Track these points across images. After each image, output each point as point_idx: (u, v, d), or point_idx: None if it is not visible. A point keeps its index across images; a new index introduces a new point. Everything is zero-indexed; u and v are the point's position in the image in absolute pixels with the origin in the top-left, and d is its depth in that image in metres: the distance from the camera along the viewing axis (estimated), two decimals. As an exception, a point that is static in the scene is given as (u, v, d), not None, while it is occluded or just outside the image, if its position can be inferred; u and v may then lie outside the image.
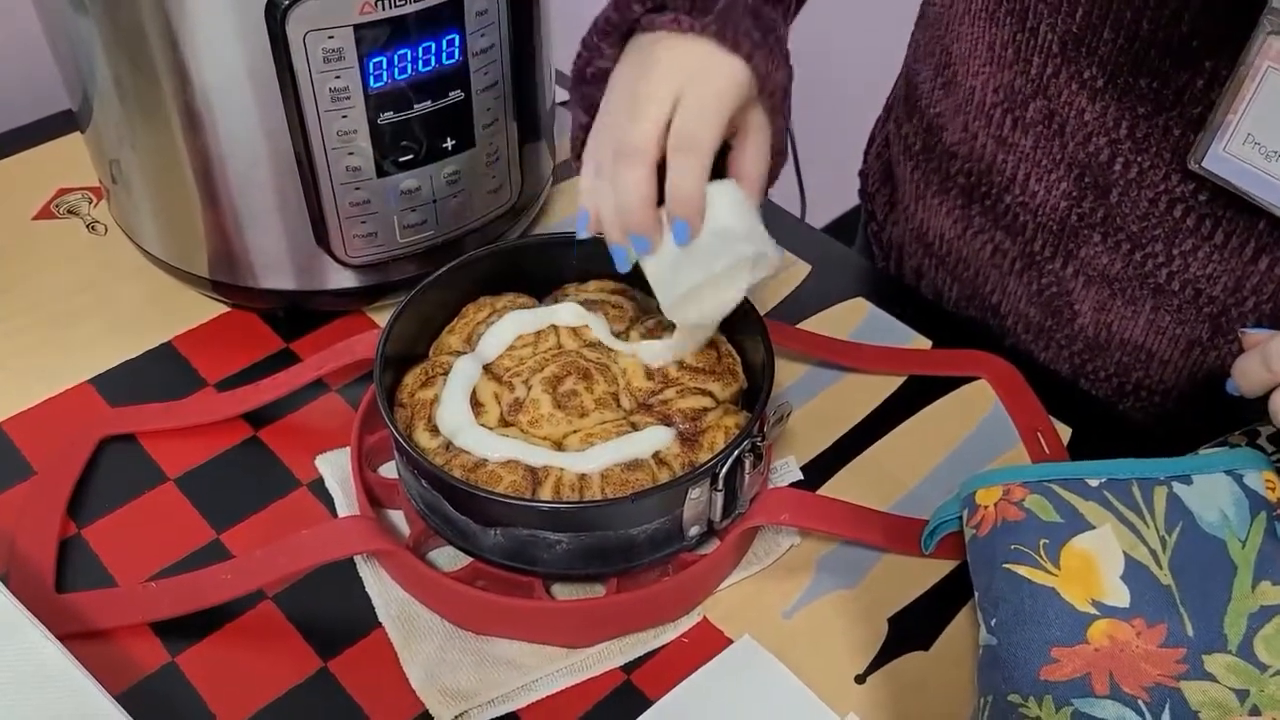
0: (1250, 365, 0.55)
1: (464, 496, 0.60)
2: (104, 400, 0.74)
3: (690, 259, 0.60)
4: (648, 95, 0.58)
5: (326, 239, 0.73)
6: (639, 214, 0.59)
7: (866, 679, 0.61)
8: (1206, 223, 0.66)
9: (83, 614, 0.62)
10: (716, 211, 0.60)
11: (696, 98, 0.58)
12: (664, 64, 0.58)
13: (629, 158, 0.58)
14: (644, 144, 0.57)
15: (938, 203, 0.80)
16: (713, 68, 0.58)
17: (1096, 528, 0.57)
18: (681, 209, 0.59)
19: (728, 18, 0.58)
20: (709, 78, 0.58)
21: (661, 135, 0.58)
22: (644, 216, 0.59)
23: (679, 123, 0.57)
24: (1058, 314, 0.76)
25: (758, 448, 0.62)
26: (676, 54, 0.58)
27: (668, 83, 0.58)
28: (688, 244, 0.60)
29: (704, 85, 0.58)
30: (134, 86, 0.69)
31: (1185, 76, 0.62)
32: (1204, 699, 0.51)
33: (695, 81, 0.58)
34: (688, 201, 0.59)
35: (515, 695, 0.60)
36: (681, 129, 0.57)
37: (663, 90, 0.58)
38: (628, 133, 0.58)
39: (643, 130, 0.57)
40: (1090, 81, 0.66)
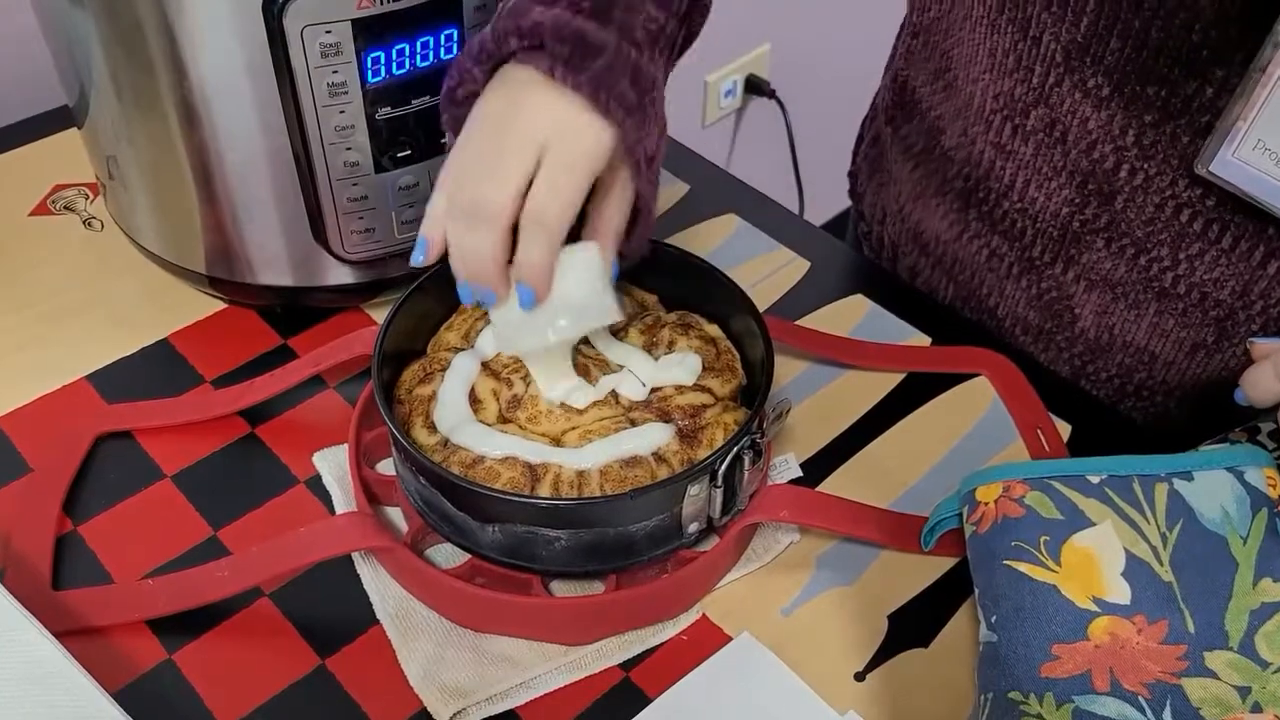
0: (1261, 376, 0.55)
1: (462, 493, 0.59)
2: (100, 397, 0.74)
3: (533, 320, 0.61)
4: (510, 152, 0.56)
5: (324, 235, 0.73)
6: (487, 272, 0.59)
7: (866, 676, 0.61)
8: (1214, 227, 0.65)
9: (79, 611, 0.61)
10: (566, 281, 0.60)
11: (556, 165, 0.56)
12: (531, 116, 0.56)
13: (483, 220, 0.57)
14: (499, 208, 0.56)
15: (935, 204, 0.80)
16: (579, 130, 0.56)
17: (1097, 524, 0.56)
18: (528, 276, 0.58)
19: (604, 79, 0.56)
20: (574, 141, 0.56)
21: (518, 199, 0.56)
22: (491, 275, 0.59)
23: (536, 194, 0.56)
24: (1058, 317, 0.76)
25: (757, 444, 0.62)
26: (545, 106, 0.56)
27: (531, 139, 0.56)
28: (531, 309, 0.60)
29: (566, 150, 0.56)
30: (131, 82, 0.69)
31: (1194, 85, 0.61)
32: (1205, 695, 0.51)
33: (557, 145, 0.56)
34: (535, 271, 0.58)
35: (513, 693, 0.60)
36: (538, 202, 0.56)
37: (526, 148, 0.56)
38: (485, 194, 0.57)
39: (501, 194, 0.56)
40: (1095, 90, 0.65)
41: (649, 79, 0.58)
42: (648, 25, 0.58)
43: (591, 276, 0.61)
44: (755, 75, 1.93)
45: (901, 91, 0.81)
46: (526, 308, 0.60)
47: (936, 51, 0.75)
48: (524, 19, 0.57)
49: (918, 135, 0.80)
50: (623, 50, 0.57)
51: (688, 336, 0.69)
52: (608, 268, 0.62)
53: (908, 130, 0.81)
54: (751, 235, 0.88)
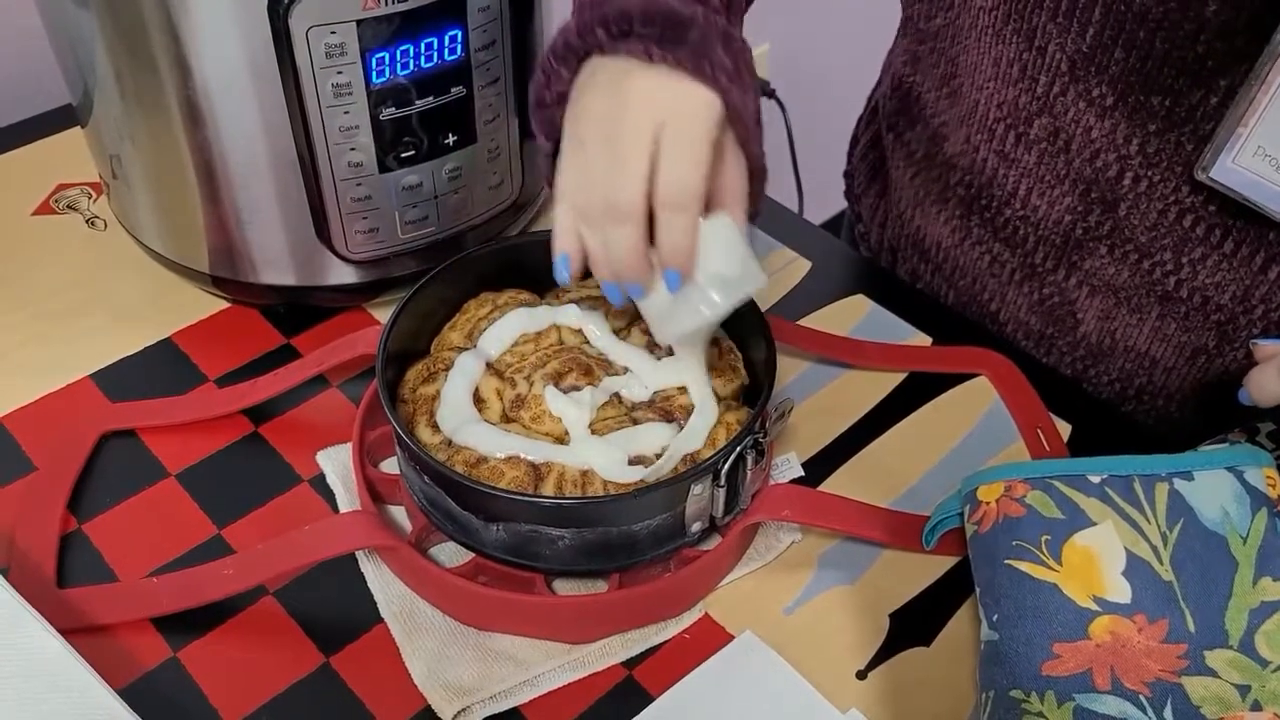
0: (1266, 378, 0.55)
1: (466, 492, 0.60)
2: (104, 396, 0.74)
3: (684, 302, 0.60)
4: (628, 144, 0.55)
5: (328, 234, 0.73)
6: (633, 268, 0.58)
7: (868, 675, 0.61)
8: (1216, 232, 0.66)
9: (84, 609, 0.62)
10: (710, 256, 0.59)
11: (677, 143, 0.55)
12: (638, 103, 0.55)
13: (620, 219, 0.56)
14: (633, 203, 0.55)
15: (935, 211, 0.80)
16: (689, 104, 0.56)
17: (1098, 524, 0.57)
18: (674, 261, 0.58)
19: (701, 49, 0.55)
20: (688, 117, 0.55)
21: (648, 189, 0.56)
22: (638, 269, 0.58)
23: (665, 176, 0.55)
24: (1059, 322, 0.76)
25: (760, 444, 0.62)
26: (650, 90, 0.56)
27: (646, 125, 0.55)
28: (679, 291, 0.59)
29: (684, 127, 0.55)
30: (135, 81, 0.69)
31: (1199, 94, 0.62)
32: (1205, 694, 0.51)
33: (674, 122, 0.55)
34: (679, 254, 0.57)
35: (517, 691, 0.60)
36: (669, 184, 0.55)
37: (642, 135, 0.55)
38: (614, 192, 0.56)
39: (631, 188, 0.55)
40: (1099, 100, 0.65)
41: (738, 42, 0.58)
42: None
43: (731, 245, 0.60)
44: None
45: (905, 97, 0.81)
46: (674, 290, 0.59)
47: (942, 59, 0.75)
48: (608, 7, 0.56)
49: (919, 142, 0.80)
50: (710, 19, 0.56)
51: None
52: (743, 233, 0.61)
53: (910, 136, 0.81)
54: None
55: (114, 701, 0.54)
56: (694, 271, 0.59)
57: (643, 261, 0.58)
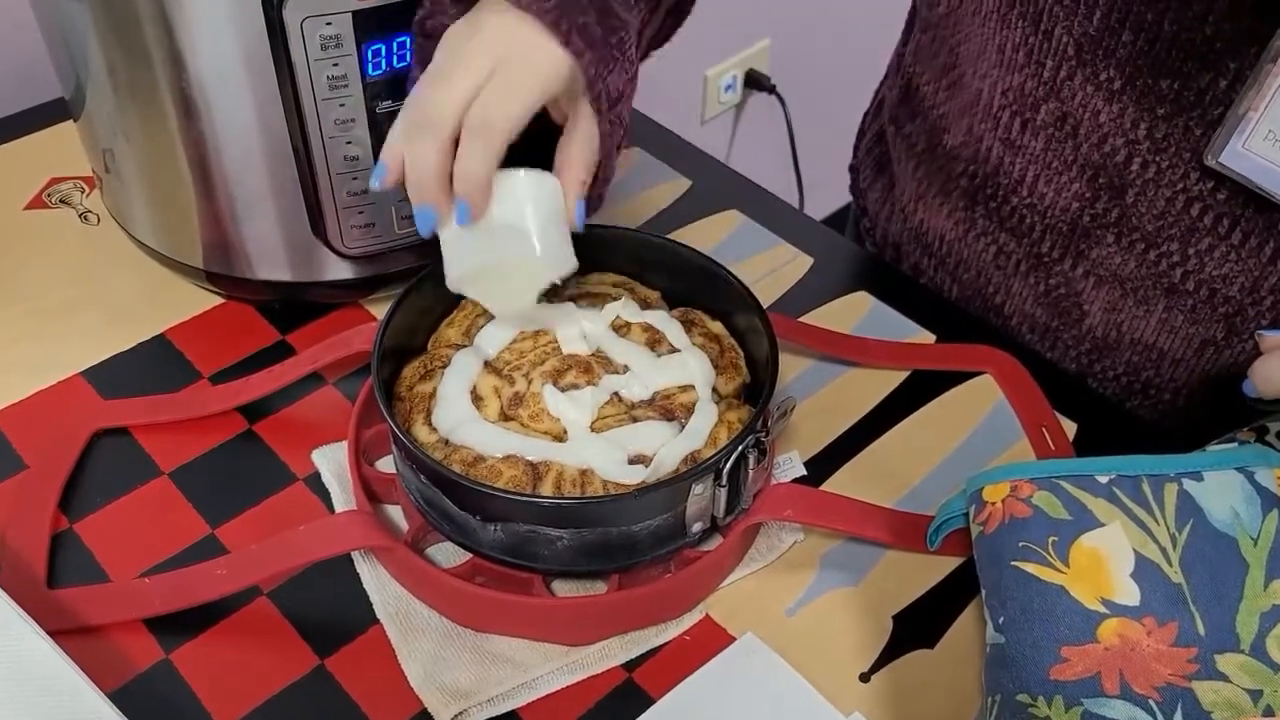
0: (1271, 369, 0.55)
1: (464, 492, 0.59)
2: (96, 393, 0.73)
3: (475, 240, 0.60)
4: (461, 65, 0.56)
5: (323, 230, 0.72)
6: (425, 184, 0.57)
7: (871, 677, 0.60)
8: (1224, 222, 0.65)
9: (75, 610, 0.61)
10: (512, 200, 0.59)
11: (506, 79, 0.55)
12: (487, 35, 0.56)
13: (424, 128, 0.56)
14: (440, 116, 0.56)
15: (939, 204, 0.79)
16: (534, 52, 0.56)
17: (1106, 525, 0.56)
18: (462, 188, 0.57)
19: (567, 8, 0.55)
20: (526, 61, 0.56)
21: (462, 109, 0.56)
22: (431, 188, 0.58)
23: (480, 101, 0.56)
24: (1065, 314, 0.75)
25: (761, 443, 0.61)
26: (503, 28, 0.56)
27: (483, 56, 0.56)
28: (468, 225, 0.59)
29: (518, 68, 0.56)
30: (128, 74, 0.68)
31: (1208, 77, 0.61)
32: (1216, 699, 0.51)
33: (511, 61, 0.56)
34: (469, 182, 0.57)
35: (515, 694, 0.59)
36: (480, 110, 0.56)
37: (476, 62, 0.56)
38: (428, 102, 0.56)
39: (443, 101, 0.56)
40: (1107, 84, 0.64)
41: (618, 20, 0.58)
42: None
43: (542, 205, 0.59)
44: (755, 70, 1.93)
45: (906, 90, 0.81)
46: (462, 223, 0.59)
47: (944, 48, 0.74)
48: None
49: (920, 134, 0.79)
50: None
51: (691, 334, 0.68)
52: (567, 207, 0.60)
53: (911, 129, 0.81)
54: (754, 231, 0.87)
55: (104, 705, 0.53)
56: (483, 210, 0.58)
57: (438, 182, 0.57)
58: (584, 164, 0.60)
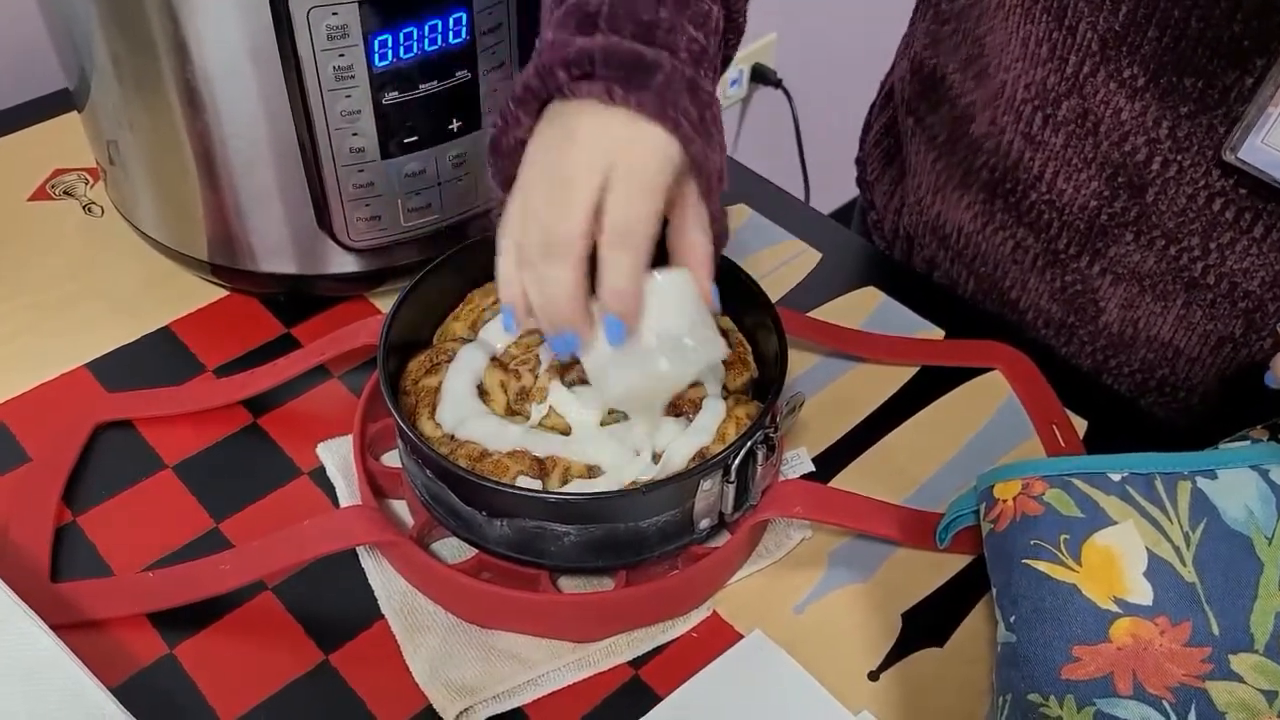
0: None
1: (470, 487, 0.58)
2: (100, 385, 0.73)
3: (628, 357, 0.56)
4: (572, 180, 0.52)
5: (329, 222, 0.72)
6: (567, 312, 0.54)
7: (880, 676, 0.60)
8: (1246, 216, 0.64)
9: (78, 604, 0.60)
10: (661, 313, 0.56)
11: (630, 178, 0.52)
12: (587, 140, 0.52)
13: (556, 255, 0.52)
14: (571, 238, 0.52)
15: (957, 196, 0.79)
16: (645, 146, 0.52)
17: (1118, 523, 0.55)
18: (616, 306, 0.54)
19: (665, 94, 0.52)
20: (641, 158, 0.52)
21: (590, 226, 0.52)
22: (573, 313, 0.54)
23: (612, 213, 0.52)
24: (1081, 311, 0.75)
25: (770, 439, 0.61)
26: (603, 128, 0.53)
27: (595, 163, 0.52)
28: (622, 343, 0.55)
29: (635, 165, 0.52)
30: (132, 65, 0.67)
31: (1233, 75, 0.60)
32: (1231, 700, 0.50)
33: (624, 161, 0.52)
34: (623, 299, 0.54)
35: (521, 690, 0.59)
36: (615, 221, 0.52)
37: (589, 173, 0.52)
38: (553, 224, 0.52)
39: (569, 222, 0.52)
40: (1130, 81, 0.64)
41: (706, 94, 0.55)
42: (690, 47, 0.55)
43: (685, 304, 0.56)
44: (761, 65, 1.92)
45: (927, 80, 0.80)
46: (616, 344, 0.55)
47: (968, 39, 0.73)
48: (568, 50, 0.53)
49: (942, 125, 0.79)
50: (676, 67, 0.54)
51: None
52: (705, 295, 0.57)
53: (932, 120, 0.80)
54: (762, 226, 0.87)
55: (107, 699, 0.53)
56: (639, 325, 0.55)
57: (578, 305, 0.54)
58: (707, 251, 0.57)
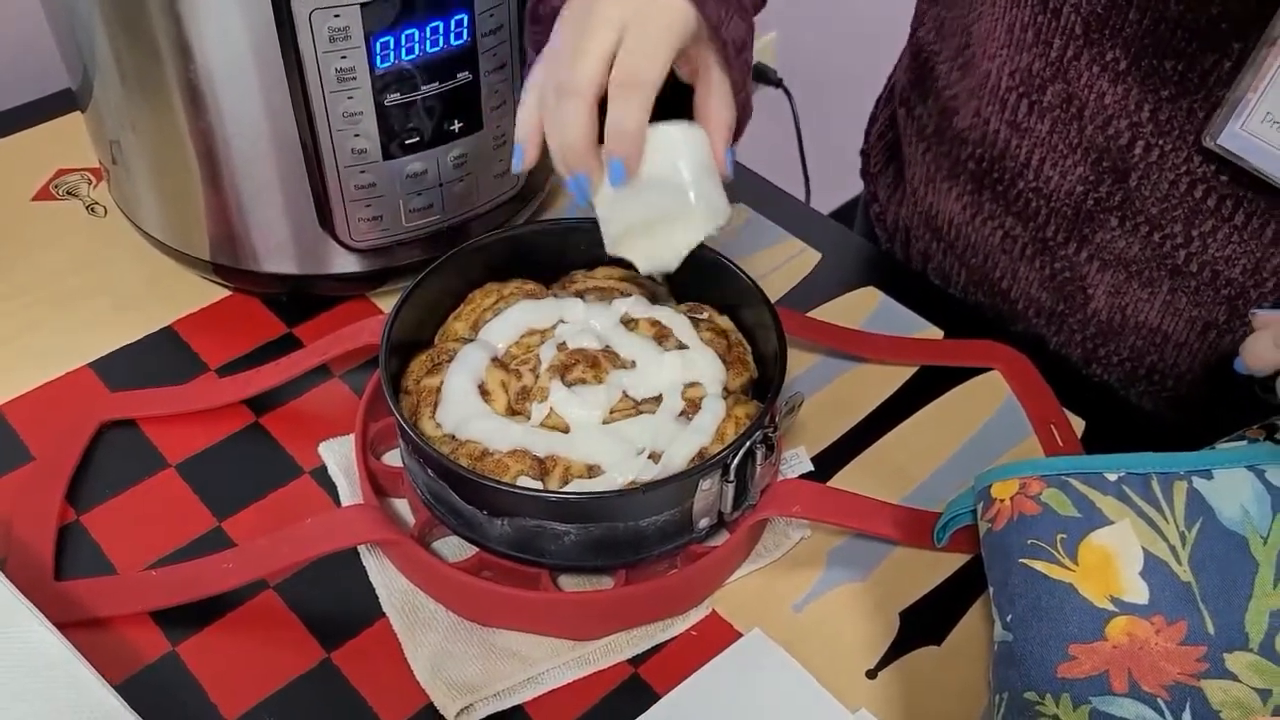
0: (1260, 346, 0.55)
1: (471, 486, 0.59)
2: (103, 384, 0.73)
3: (630, 198, 0.59)
4: (592, 28, 0.56)
5: (331, 222, 0.72)
6: (576, 151, 0.57)
7: (878, 674, 0.60)
8: (1227, 203, 0.65)
9: (82, 602, 0.61)
10: (663, 155, 0.58)
11: (642, 31, 0.55)
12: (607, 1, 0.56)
13: (569, 94, 0.56)
14: (585, 79, 0.55)
15: (947, 187, 0.79)
16: (658, 7, 0.56)
17: (1115, 523, 0.56)
18: (618, 146, 0.57)
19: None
20: (655, 16, 0.56)
21: (604, 71, 0.56)
22: (583, 153, 0.57)
23: (622, 57, 0.56)
24: (1070, 298, 0.76)
25: (769, 438, 0.61)
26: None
27: (613, 15, 0.56)
28: (623, 184, 0.58)
29: (651, 19, 0.56)
30: (135, 65, 0.68)
31: (1212, 59, 0.61)
32: (1225, 698, 0.50)
33: (641, 15, 0.56)
34: (624, 139, 0.57)
35: (521, 688, 0.59)
36: (625, 64, 0.55)
37: (607, 23, 0.56)
38: (569, 68, 0.56)
39: (584, 65, 0.55)
40: (1112, 64, 0.65)
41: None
42: None
43: (695, 158, 0.59)
44: (762, 63, 1.92)
45: (920, 71, 0.81)
46: (616, 183, 0.58)
47: (959, 27, 0.74)
48: None
49: (930, 117, 0.80)
50: None
51: (699, 329, 0.68)
52: (716, 155, 0.60)
53: (921, 112, 0.81)
54: (762, 226, 0.87)
55: (111, 697, 0.53)
56: (644, 170, 0.58)
57: (587, 145, 0.57)
58: (727, 118, 0.60)
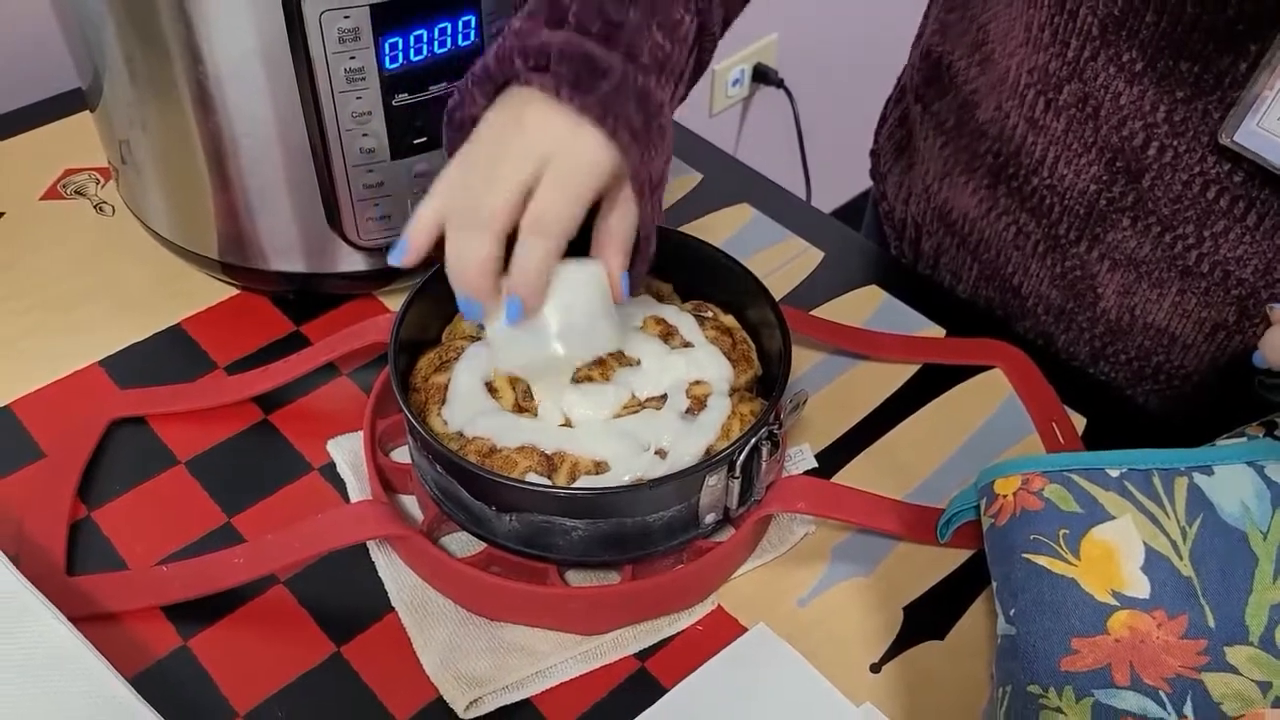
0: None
1: (480, 482, 0.59)
2: (113, 383, 0.74)
3: (526, 335, 0.59)
4: (510, 161, 0.55)
5: (339, 221, 0.73)
6: (475, 280, 0.56)
7: (882, 668, 0.61)
8: (1239, 204, 0.66)
9: (93, 596, 0.61)
10: (565, 299, 0.59)
11: (562, 172, 0.55)
12: (533, 130, 0.55)
13: (478, 225, 0.55)
14: (496, 212, 0.55)
15: (963, 181, 0.80)
16: (581, 148, 0.55)
17: (1117, 518, 0.56)
18: (519, 286, 0.57)
19: (610, 102, 0.55)
20: (575, 158, 0.55)
21: (517, 205, 0.55)
22: (480, 283, 0.57)
23: (539, 199, 0.55)
24: (1080, 297, 0.76)
25: (774, 435, 0.61)
26: (548, 123, 0.55)
27: (533, 149, 0.55)
28: (518, 323, 0.58)
29: (570, 162, 0.55)
30: (145, 65, 0.68)
31: (1228, 60, 0.61)
32: (1226, 691, 0.51)
33: (560, 158, 0.55)
34: (529, 283, 0.56)
35: (529, 682, 0.60)
36: (539, 207, 0.55)
37: (527, 158, 0.55)
38: (482, 196, 0.55)
39: (497, 197, 0.55)
40: (1128, 65, 0.65)
41: (655, 104, 0.57)
42: (655, 52, 0.58)
43: (593, 294, 0.59)
44: (763, 64, 1.93)
45: (934, 67, 0.81)
46: (512, 321, 0.58)
47: (974, 25, 0.75)
48: (530, 40, 0.56)
49: (949, 111, 0.80)
50: (630, 74, 0.56)
51: (704, 327, 0.69)
52: (613, 289, 0.60)
53: (939, 106, 0.81)
54: (765, 225, 0.88)
55: (125, 689, 0.54)
56: (542, 308, 0.58)
57: (489, 278, 0.57)
58: (624, 241, 0.60)
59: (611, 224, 0.60)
